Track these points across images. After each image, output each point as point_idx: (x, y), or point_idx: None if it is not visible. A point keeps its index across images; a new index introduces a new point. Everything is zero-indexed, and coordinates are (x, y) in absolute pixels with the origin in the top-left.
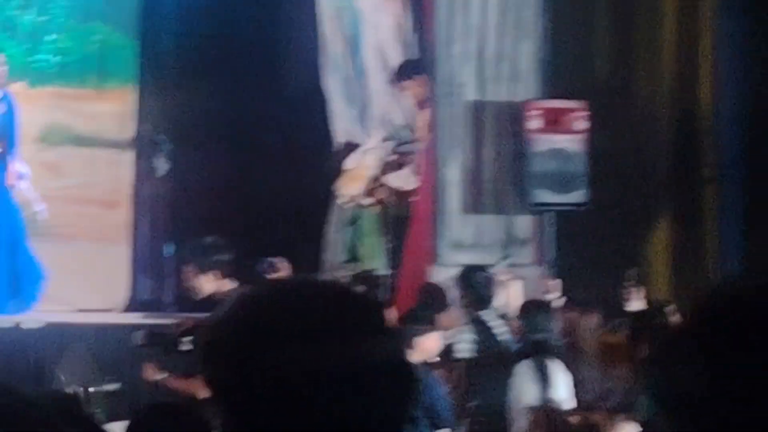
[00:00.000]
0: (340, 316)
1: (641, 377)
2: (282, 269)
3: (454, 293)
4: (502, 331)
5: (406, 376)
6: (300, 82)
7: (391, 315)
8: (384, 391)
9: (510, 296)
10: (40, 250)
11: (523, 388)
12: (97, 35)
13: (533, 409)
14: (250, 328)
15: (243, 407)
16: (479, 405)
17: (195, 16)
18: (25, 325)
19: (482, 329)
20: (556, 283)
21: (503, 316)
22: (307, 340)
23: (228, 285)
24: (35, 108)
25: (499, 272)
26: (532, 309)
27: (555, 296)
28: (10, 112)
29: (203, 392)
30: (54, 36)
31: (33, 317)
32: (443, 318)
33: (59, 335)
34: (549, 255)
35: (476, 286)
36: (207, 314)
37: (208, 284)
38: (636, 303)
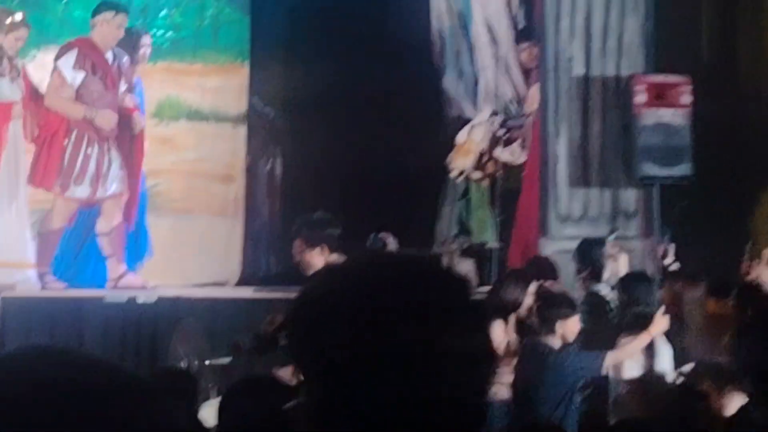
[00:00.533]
0: (423, 291)
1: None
2: (391, 243)
3: (566, 266)
4: (615, 304)
5: (487, 355)
6: (411, 56)
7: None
8: (465, 369)
9: (618, 269)
10: (155, 224)
11: (626, 361)
12: (210, 10)
13: (636, 381)
14: (333, 303)
15: (326, 382)
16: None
17: None
18: (139, 300)
19: (598, 302)
20: (672, 248)
21: (613, 288)
22: (389, 316)
23: (336, 260)
24: (149, 83)
25: (608, 245)
26: (633, 281)
27: (670, 261)
28: (140, 95)
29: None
30: (166, 11)
31: (147, 291)
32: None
33: (173, 309)
34: (655, 227)
35: (594, 258)
36: None
37: (317, 258)
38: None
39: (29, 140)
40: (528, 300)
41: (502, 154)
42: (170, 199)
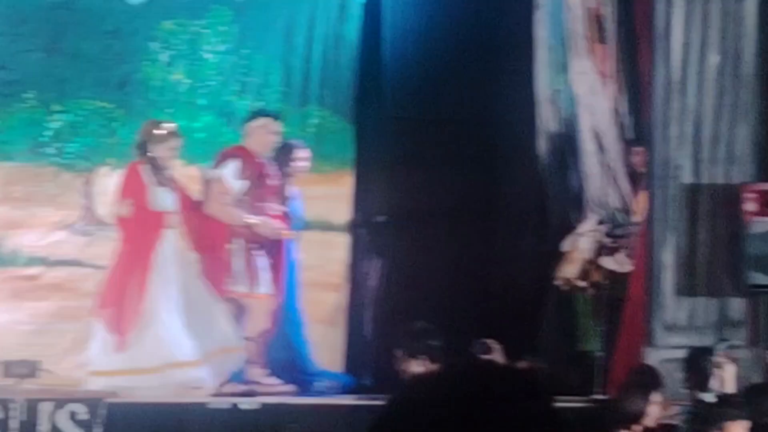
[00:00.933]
0: (505, 402)
1: None
2: (495, 350)
3: (671, 375)
4: None
5: None
6: (516, 164)
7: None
8: None
9: (725, 378)
10: None
11: None
12: (314, 119)
13: None
14: (417, 412)
15: None
16: None
17: (411, 99)
18: (242, 406)
19: (706, 411)
20: None
21: (720, 398)
22: (472, 426)
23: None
24: None
25: (717, 354)
26: (759, 392)
27: None
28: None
29: None
30: None
31: (250, 398)
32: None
33: (276, 416)
34: (764, 337)
35: (701, 368)
36: None
37: (418, 369)
38: None
39: (191, 248)
40: (654, 410)
41: (609, 262)
42: None
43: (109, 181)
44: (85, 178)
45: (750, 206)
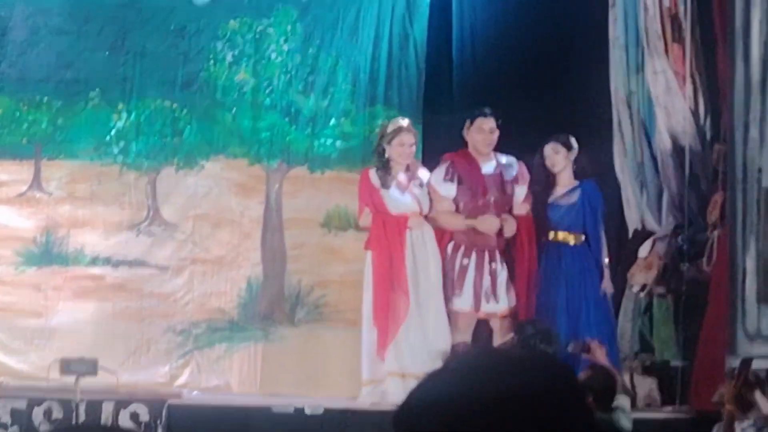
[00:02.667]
0: (536, 394)
1: None
2: (595, 350)
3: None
4: None
5: None
6: (594, 168)
7: None
8: None
9: None
10: (323, 335)
11: None
12: (380, 119)
13: None
14: (439, 402)
15: None
16: None
17: (480, 99)
18: (307, 411)
19: None
20: None
21: None
22: (499, 416)
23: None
24: (317, 193)
25: None
26: None
27: None
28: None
29: None
30: (335, 120)
31: (313, 402)
32: None
33: (340, 421)
34: None
35: None
36: None
37: None
38: None
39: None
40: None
41: (687, 268)
42: (338, 310)
43: (173, 181)
44: (150, 178)
45: None
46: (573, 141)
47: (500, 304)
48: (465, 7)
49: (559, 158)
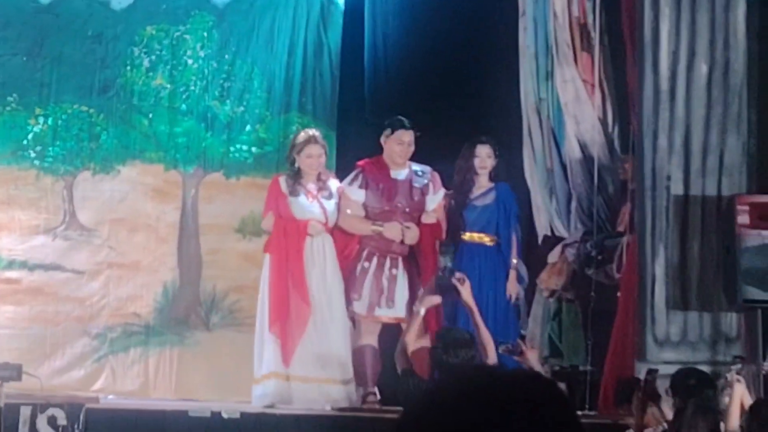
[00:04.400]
0: (524, 409)
1: None
2: (527, 352)
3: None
4: None
5: None
6: (506, 173)
7: None
8: None
9: (735, 396)
10: (235, 339)
11: None
12: (295, 126)
13: None
14: (433, 421)
15: None
16: None
17: (393, 107)
18: (224, 414)
19: None
20: None
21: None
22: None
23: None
24: (232, 199)
25: (725, 371)
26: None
27: None
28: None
29: None
30: (250, 127)
31: (231, 406)
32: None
33: (257, 426)
34: (758, 353)
35: (689, 387)
36: None
37: None
38: None
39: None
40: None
41: (596, 274)
42: (252, 315)
43: (90, 185)
44: (67, 182)
45: (743, 218)
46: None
47: (396, 309)
48: (377, 16)
49: (489, 162)
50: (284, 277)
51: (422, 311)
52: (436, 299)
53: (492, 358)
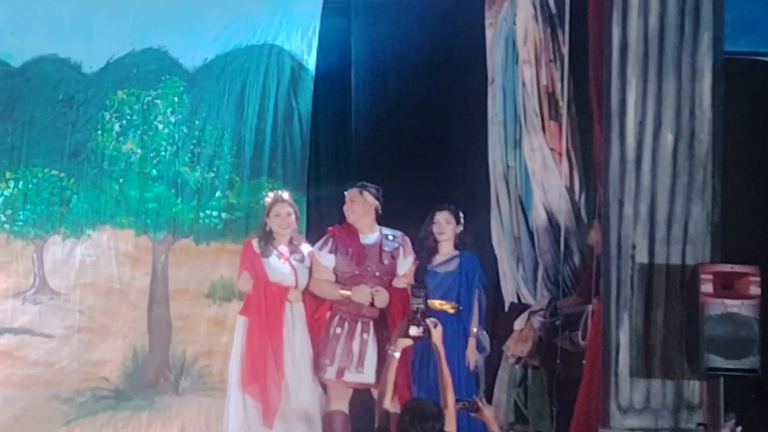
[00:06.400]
0: None
1: None
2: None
3: None
4: None
5: None
6: (472, 241)
7: None
8: None
9: None
10: (208, 404)
11: None
12: (264, 191)
13: None
14: None
15: None
16: None
17: (363, 173)
18: None
19: None
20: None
21: None
22: None
23: None
24: (202, 264)
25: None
26: None
27: None
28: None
29: None
30: (220, 193)
31: None
32: None
33: None
34: (720, 420)
35: None
36: None
37: None
38: None
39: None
40: None
41: (562, 342)
42: (222, 380)
43: (60, 250)
44: (37, 246)
45: (706, 287)
46: (461, 215)
47: (365, 375)
48: (348, 83)
49: (449, 228)
50: (264, 340)
51: (397, 354)
52: (408, 341)
53: (450, 405)
